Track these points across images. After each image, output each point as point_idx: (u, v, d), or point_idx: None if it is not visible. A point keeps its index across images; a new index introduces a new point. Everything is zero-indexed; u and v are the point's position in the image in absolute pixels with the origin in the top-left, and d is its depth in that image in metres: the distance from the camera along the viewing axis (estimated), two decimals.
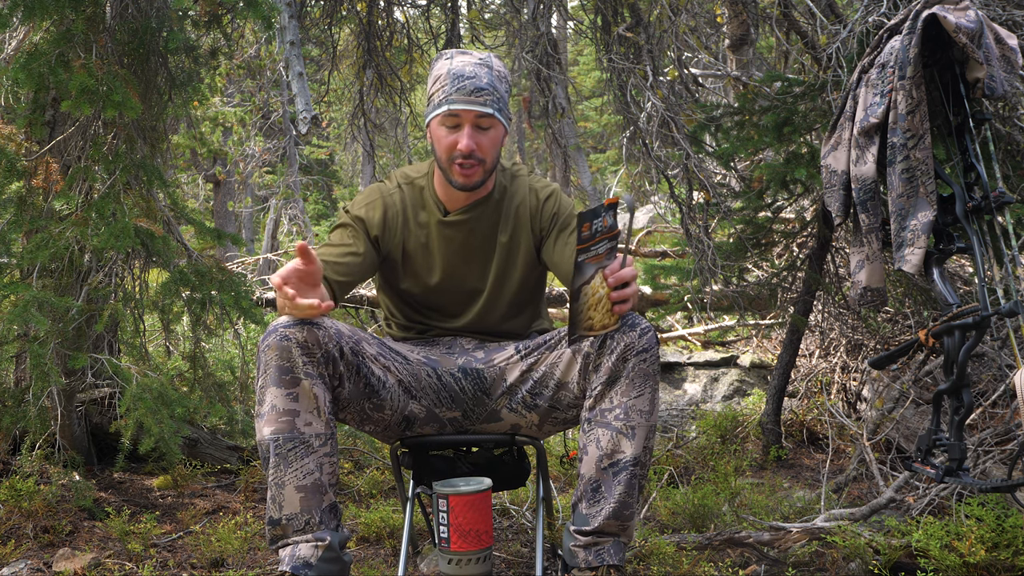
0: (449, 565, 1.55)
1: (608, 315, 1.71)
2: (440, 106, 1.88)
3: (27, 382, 2.68)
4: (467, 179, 1.91)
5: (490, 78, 1.89)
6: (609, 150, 17.92)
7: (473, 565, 1.56)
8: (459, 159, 1.88)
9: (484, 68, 1.90)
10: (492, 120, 1.89)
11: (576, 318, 1.71)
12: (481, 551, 1.56)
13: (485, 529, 1.55)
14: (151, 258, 2.80)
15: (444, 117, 1.88)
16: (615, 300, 1.67)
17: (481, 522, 1.55)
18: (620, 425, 1.76)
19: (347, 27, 5.50)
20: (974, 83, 2.02)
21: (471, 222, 2.00)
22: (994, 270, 2.01)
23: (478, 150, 1.88)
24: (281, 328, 1.72)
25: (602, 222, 1.60)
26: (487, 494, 1.55)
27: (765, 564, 2.28)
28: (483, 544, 1.55)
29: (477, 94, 1.86)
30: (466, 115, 1.86)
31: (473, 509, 1.53)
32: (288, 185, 9.80)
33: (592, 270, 1.65)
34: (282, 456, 1.69)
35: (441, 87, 1.89)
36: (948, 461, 1.96)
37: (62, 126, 2.80)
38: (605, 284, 1.67)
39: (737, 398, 4.25)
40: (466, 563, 1.55)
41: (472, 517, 1.54)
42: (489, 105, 1.87)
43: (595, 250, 1.63)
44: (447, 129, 1.88)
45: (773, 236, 3.45)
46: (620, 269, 1.66)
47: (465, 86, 1.86)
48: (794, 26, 3.49)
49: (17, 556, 2.26)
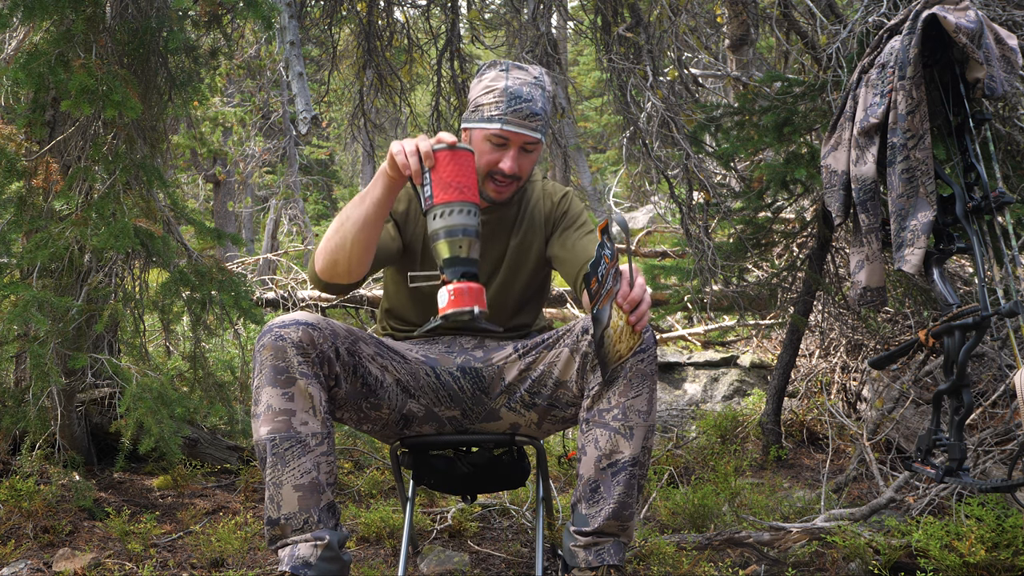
0: (434, 220, 1.56)
1: (632, 337, 1.71)
2: (491, 122, 1.86)
3: (27, 382, 2.68)
4: (500, 196, 1.94)
5: (543, 102, 1.89)
6: (609, 150, 17.92)
7: (457, 215, 1.56)
8: (499, 177, 1.90)
9: (539, 90, 1.89)
10: (538, 145, 1.90)
11: (605, 359, 1.72)
12: (464, 203, 1.56)
13: (468, 184, 1.58)
14: (151, 258, 2.80)
15: (494, 135, 1.87)
16: (634, 322, 1.67)
17: (463, 176, 1.57)
18: (618, 425, 1.77)
19: (347, 27, 5.50)
20: (974, 83, 2.02)
21: (491, 223, 2.01)
22: (994, 270, 2.01)
23: (519, 171, 1.90)
24: (276, 328, 1.72)
25: (604, 262, 1.60)
26: (469, 154, 1.61)
27: (765, 564, 2.28)
28: (466, 196, 1.57)
29: (531, 119, 1.86)
30: (516, 139, 1.87)
31: (453, 163, 1.57)
32: (288, 185, 9.80)
33: (607, 311, 1.65)
34: (279, 456, 1.69)
35: (495, 102, 1.87)
36: (948, 461, 1.96)
37: (62, 126, 2.80)
38: (621, 313, 1.67)
39: (737, 398, 4.25)
40: (449, 213, 1.55)
41: (453, 170, 1.56)
42: (539, 131, 1.88)
43: (604, 291, 1.63)
44: (492, 146, 1.88)
45: (773, 236, 3.45)
46: (630, 291, 1.65)
47: (521, 109, 1.85)
48: (794, 26, 3.49)
49: (17, 556, 2.26)
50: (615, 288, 1.65)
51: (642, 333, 1.76)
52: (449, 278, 1.57)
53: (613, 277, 1.64)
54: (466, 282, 1.55)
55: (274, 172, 12.38)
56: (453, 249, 1.56)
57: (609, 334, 1.68)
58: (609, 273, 1.62)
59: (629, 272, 1.66)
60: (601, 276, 1.60)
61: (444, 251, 1.58)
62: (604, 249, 1.60)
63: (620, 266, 1.67)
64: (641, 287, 1.66)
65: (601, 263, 1.59)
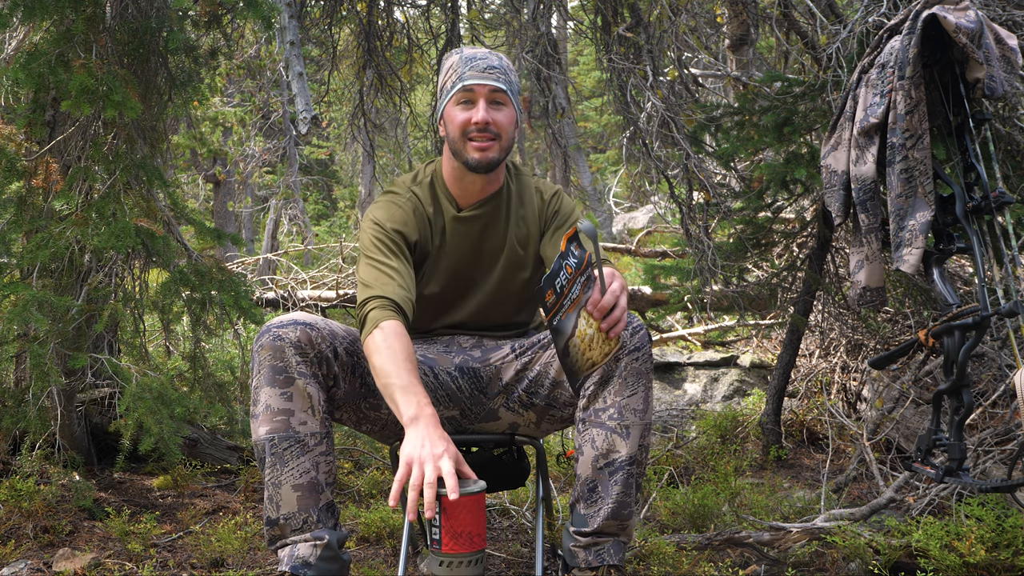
0: (441, 567, 1.54)
1: (606, 344, 1.70)
2: (454, 87, 1.88)
3: (27, 382, 2.68)
4: (483, 154, 1.88)
5: (501, 63, 1.91)
6: (609, 150, 17.92)
7: (465, 567, 1.55)
8: (474, 132, 1.87)
9: (494, 56, 1.93)
10: (505, 98, 1.89)
11: (573, 367, 1.70)
12: (473, 554, 1.55)
13: (478, 531, 1.55)
14: (151, 258, 2.80)
15: (459, 94, 1.88)
16: (607, 328, 1.66)
17: (474, 524, 1.54)
18: (614, 425, 1.76)
19: (347, 27, 5.50)
20: (974, 83, 2.02)
21: (484, 217, 2.00)
22: (994, 270, 2.00)
23: (493, 124, 1.88)
24: (274, 328, 1.72)
25: (566, 272, 1.58)
26: (481, 496, 1.54)
27: (765, 564, 2.28)
28: (476, 546, 1.54)
29: (490, 71, 1.88)
30: (480, 90, 1.87)
31: (466, 511, 1.53)
32: (288, 185, 9.81)
33: (572, 320, 1.63)
34: (278, 456, 1.69)
35: (454, 71, 1.90)
36: (948, 461, 1.96)
37: (62, 126, 2.80)
38: (591, 321, 1.65)
39: (737, 398, 4.25)
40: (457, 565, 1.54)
41: (465, 519, 1.53)
42: (502, 82, 1.88)
43: (568, 301, 1.61)
44: (462, 107, 1.88)
45: (773, 236, 3.45)
46: (601, 298, 1.63)
47: (477, 64, 1.88)
48: (794, 26, 3.49)
49: (17, 556, 2.26)
50: (584, 296, 1.63)
51: (632, 335, 1.75)
52: None
53: (581, 285, 1.62)
54: None
55: (274, 172, 12.38)
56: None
57: (575, 343, 1.66)
58: (575, 282, 1.60)
59: (600, 279, 1.64)
60: (560, 287, 1.58)
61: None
62: (568, 259, 1.58)
63: (593, 271, 1.65)
64: (613, 294, 1.64)
65: (561, 274, 1.57)
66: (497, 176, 1.98)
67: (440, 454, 1.54)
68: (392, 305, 1.76)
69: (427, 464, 1.52)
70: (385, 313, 1.74)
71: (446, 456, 1.54)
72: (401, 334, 1.72)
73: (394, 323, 1.73)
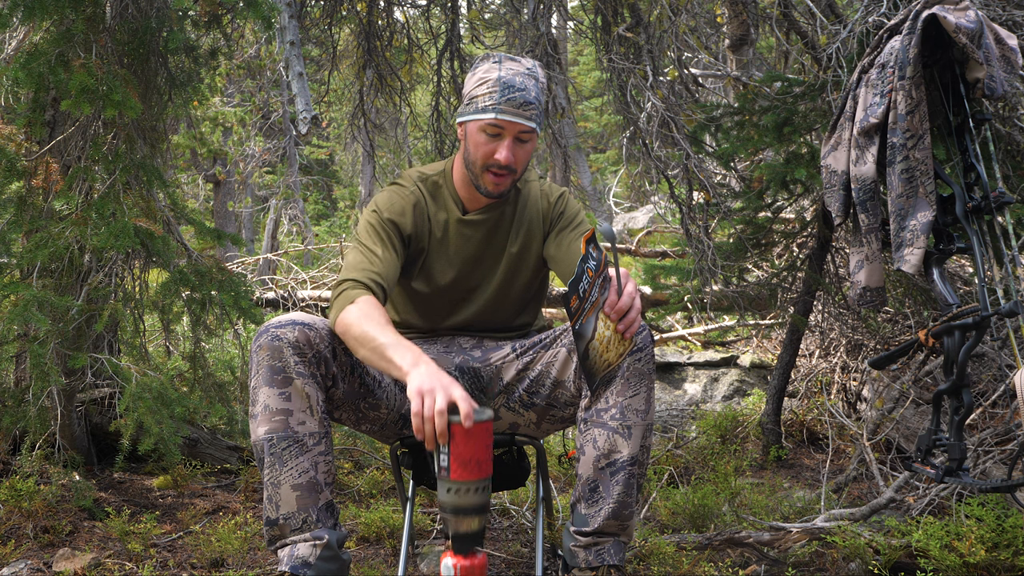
0: (448, 494, 1.55)
1: (620, 344, 1.70)
2: (485, 112, 1.85)
3: (27, 382, 2.68)
4: (497, 188, 1.91)
5: (536, 91, 1.88)
6: (609, 150, 17.92)
7: (472, 495, 1.56)
8: (495, 168, 1.88)
9: (532, 80, 1.88)
10: (532, 135, 1.89)
11: (592, 369, 1.71)
12: (480, 480, 1.56)
13: (486, 458, 1.57)
14: (151, 258, 2.80)
15: (488, 125, 1.85)
16: (623, 329, 1.66)
17: (481, 451, 1.56)
18: (616, 425, 1.77)
19: (347, 27, 5.51)
20: (974, 83, 2.02)
21: (489, 222, 2.00)
22: (994, 270, 2.00)
23: (514, 162, 1.88)
24: (272, 328, 1.72)
25: (587, 276, 1.58)
26: (489, 424, 1.57)
27: (765, 564, 2.28)
28: (483, 473, 1.56)
29: (525, 108, 1.85)
30: (511, 128, 1.85)
31: (475, 438, 1.55)
32: (288, 185, 9.81)
33: (592, 323, 1.63)
34: (277, 456, 1.69)
35: (489, 92, 1.85)
36: (948, 461, 1.96)
37: (62, 126, 2.80)
38: (608, 323, 1.66)
39: (737, 398, 4.25)
40: (465, 492, 1.55)
41: (473, 446, 1.55)
42: (534, 120, 1.86)
43: (588, 304, 1.61)
44: (488, 136, 1.86)
45: (773, 236, 3.45)
46: (618, 300, 1.64)
47: (515, 98, 1.84)
48: (794, 26, 3.49)
49: (17, 556, 2.26)
50: (602, 298, 1.64)
51: (635, 335, 1.75)
52: (455, 551, 1.58)
53: (599, 287, 1.63)
54: (471, 558, 1.56)
55: (274, 172, 12.39)
56: (464, 526, 1.56)
57: (595, 346, 1.66)
58: (594, 285, 1.61)
59: (617, 280, 1.64)
60: (583, 291, 1.58)
61: (454, 526, 1.57)
62: (588, 262, 1.58)
63: (609, 271, 1.65)
64: (629, 295, 1.64)
65: (584, 278, 1.58)
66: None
67: (448, 383, 1.54)
68: (365, 285, 1.78)
69: (438, 393, 1.51)
70: (358, 291, 1.75)
71: (454, 384, 1.54)
72: (377, 305, 1.73)
73: (368, 296, 1.74)
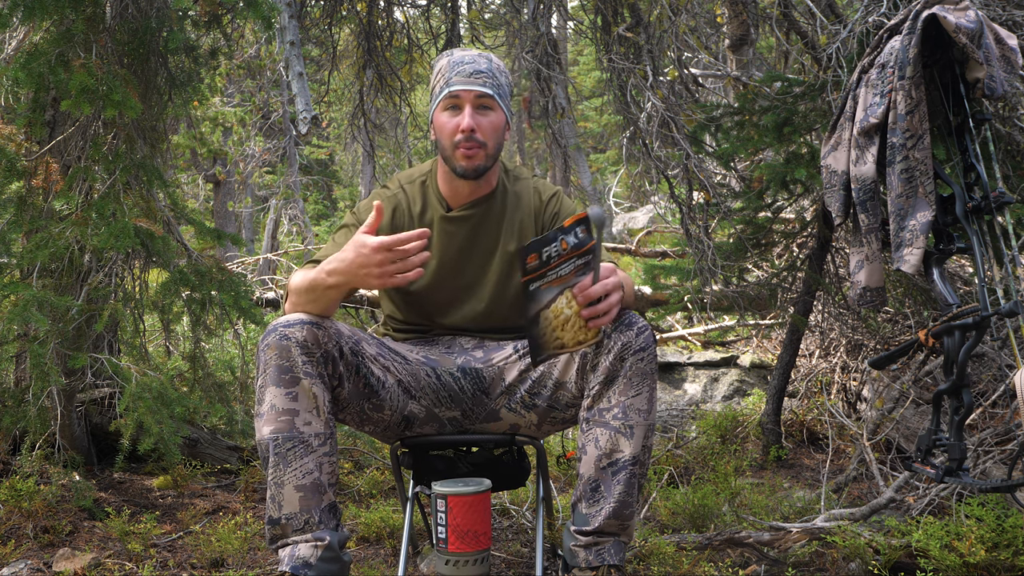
0: (447, 566, 1.54)
1: (582, 332, 1.68)
2: (441, 92, 1.91)
3: (27, 382, 2.68)
4: (469, 162, 1.90)
5: (489, 66, 1.93)
6: (609, 150, 17.92)
7: (471, 566, 1.56)
8: (462, 143, 1.89)
9: (483, 58, 1.94)
10: (492, 102, 1.90)
11: (539, 341, 1.69)
12: (479, 552, 1.55)
13: (484, 530, 1.55)
14: (151, 258, 2.80)
15: (445, 100, 1.90)
16: (587, 317, 1.65)
17: (479, 523, 1.54)
18: (618, 424, 1.77)
19: (347, 27, 5.51)
20: (974, 83, 2.02)
21: (474, 219, 2.00)
22: (994, 270, 2.01)
23: (478, 131, 1.89)
24: (280, 327, 1.72)
25: (559, 245, 1.59)
26: (486, 495, 1.54)
27: (765, 564, 2.28)
28: (481, 545, 1.55)
29: (476, 76, 1.90)
30: (466, 95, 1.89)
31: (472, 510, 1.53)
32: (288, 185, 9.80)
33: (552, 294, 1.64)
34: (281, 455, 1.69)
35: (442, 76, 1.93)
36: (948, 461, 1.96)
37: (62, 126, 2.80)
38: (574, 303, 1.65)
39: (737, 398, 4.25)
40: (463, 564, 1.55)
41: (471, 518, 1.53)
42: (488, 87, 1.90)
43: (553, 274, 1.61)
44: (449, 113, 1.91)
45: (773, 236, 3.45)
46: (590, 286, 1.63)
47: (464, 69, 1.90)
48: (794, 26, 3.49)
49: (17, 556, 2.26)
50: (575, 278, 1.63)
51: (637, 335, 1.75)
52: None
53: (576, 267, 1.62)
54: None
55: (274, 172, 12.38)
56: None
57: (547, 316, 1.65)
58: (569, 260, 1.60)
59: (596, 269, 1.64)
60: (548, 256, 1.58)
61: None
62: (568, 236, 1.58)
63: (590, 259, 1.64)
64: (604, 286, 1.64)
65: (553, 244, 1.58)
66: (488, 179, 1.99)
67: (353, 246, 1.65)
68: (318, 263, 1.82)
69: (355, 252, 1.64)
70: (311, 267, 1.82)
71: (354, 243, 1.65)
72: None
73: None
